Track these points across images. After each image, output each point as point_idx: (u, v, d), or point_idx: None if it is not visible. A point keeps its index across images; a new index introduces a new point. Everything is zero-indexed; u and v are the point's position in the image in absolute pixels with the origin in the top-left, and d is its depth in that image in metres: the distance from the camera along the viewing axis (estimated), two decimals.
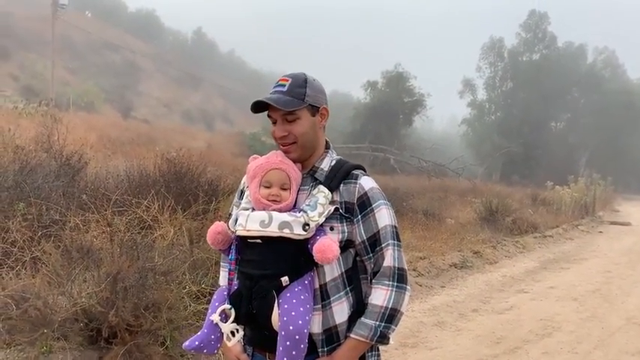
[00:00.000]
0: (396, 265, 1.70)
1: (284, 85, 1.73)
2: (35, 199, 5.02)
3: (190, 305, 4.07)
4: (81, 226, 4.60)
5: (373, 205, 1.72)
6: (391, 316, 1.68)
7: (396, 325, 1.70)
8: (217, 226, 1.80)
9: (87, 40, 49.32)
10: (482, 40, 51.78)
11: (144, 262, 3.84)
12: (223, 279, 1.89)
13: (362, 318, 1.68)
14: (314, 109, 1.76)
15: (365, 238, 1.71)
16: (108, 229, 4.38)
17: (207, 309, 4.16)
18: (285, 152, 1.75)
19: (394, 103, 36.13)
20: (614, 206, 25.67)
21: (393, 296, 1.67)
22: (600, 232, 16.34)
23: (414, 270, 7.61)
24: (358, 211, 1.71)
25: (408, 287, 1.72)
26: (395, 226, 1.74)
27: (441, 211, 13.18)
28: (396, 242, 1.72)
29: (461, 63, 69.45)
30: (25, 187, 5.33)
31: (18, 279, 3.76)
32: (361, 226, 1.71)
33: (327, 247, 1.61)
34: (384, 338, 1.68)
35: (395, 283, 1.69)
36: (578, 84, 50.30)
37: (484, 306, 6.68)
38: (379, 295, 1.68)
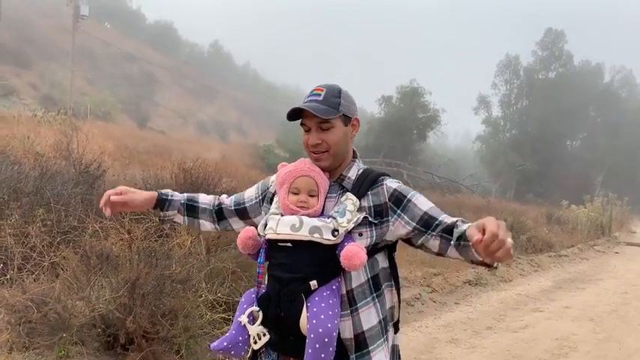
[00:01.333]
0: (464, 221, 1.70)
1: (319, 95, 1.77)
2: (55, 205, 5.08)
3: (207, 314, 4.08)
4: (100, 232, 4.65)
5: (408, 196, 1.76)
6: None
7: None
8: (248, 231, 1.82)
9: (105, 50, 50.03)
10: (498, 57, 51.80)
11: (161, 270, 3.87)
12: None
13: (461, 224, 1.65)
14: (347, 119, 1.80)
15: (415, 223, 1.73)
16: (126, 236, 4.42)
17: (223, 318, 4.18)
18: (317, 160, 1.79)
19: (408, 118, 36.10)
20: (630, 227, 25.30)
21: None
22: (616, 252, 16.10)
23: (427, 286, 7.55)
24: (395, 207, 1.75)
25: None
26: (435, 206, 1.78)
27: None
28: (446, 215, 1.75)
29: (476, 79, 69.55)
30: (45, 193, 5.40)
31: (37, 283, 3.81)
32: (404, 216, 1.74)
33: (355, 254, 1.63)
34: None
35: None
36: (595, 102, 49.96)
37: (499, 324, 6.61)
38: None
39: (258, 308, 1.72)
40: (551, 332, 6.34)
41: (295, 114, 1.77)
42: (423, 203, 1.76)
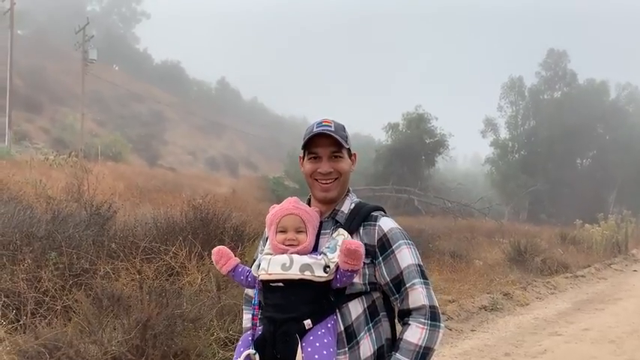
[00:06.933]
0: (429, 304, 1.71)
1: (330, 126, 1.80)
2: (66, 249, 5.13)
3: (219, 352, 4.06)
4: (111, 274, 4.67)
5: (393, 247, 1.74)
6: (425, 355, 1.67)
7: None
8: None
9: (115, 92, 51.02)
10: (502, 79, 52.06)
11: (172, 309, 3.87)
12: (247, 320, 1.94)
13: (397, 354, 1.68)
14: (349, 153, 1.86)
15: (389, 279, 1.72)
16: (137, 276, 4.44)
17: None
18: (325, 190, 1.80)
19: (416, 144, 36.20)
20: None
21: (427, 335, 1.68)
22: (635, 270, 15.80)
23: (443, 314, 7.41)
24: (379, 253, 1.74)
25: (442, 325, 1.73)
26: (419, 265, 1.75)
27: (469, 253, 12.97)
28: (423, 281, 1.73)
29: (481, 102, 69.90)
30: (57, 236, 5.45)
31: (50, 328, 3.82)
32: (383, 268, 1.73)
33: (356, 248, 1.63)
34: None
35: (430, 322, 1.69)
36: (602, 120, 49.85)
37: (517, 350, 6.49)
38: (415, 333, 1.68)
39: (254, 351, 1.70)
40: (571, 356, 6.21)
41: (306, 142, 1.81)
42: (405, 258, 1.74)
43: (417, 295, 1.70)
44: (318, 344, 1.62)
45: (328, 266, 1.66)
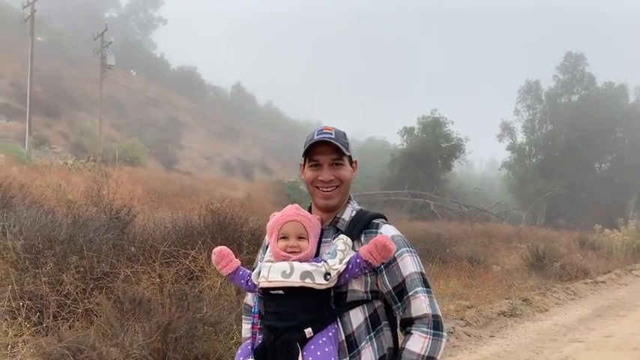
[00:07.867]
0: (432, 313, 1.70)
1: (331, 133, 1.79)
2: (87, 252, 5.18)
3: None
4: (131, 277, 4.71)
5: (395, 255, 1.71)
6: None
7: None
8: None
9: (132, 97, 51.57)
10: (519, 83, 51.54)
11: (193, 313, 3.89)
12: (246, 330, 1.92)
13: None
14: (350, 160, 1.84)
15: (391, 288, 1.71)
16: (157, 280, 4.47)
17: None
18: (326, 198, 1.79)
19: (432, 148, 36.02)
20: None
21: (430, 344, 1.67)
22: None
23: (461, 319, 7.39)
24: None
25: (445, 334, 1.72)
26: (421, 273, 1.74)
27: (486, 258, 12.86)
28: (425, 289, 1.72)
29: (498, 105, 69.48)
30: (78, 240, 5.52)
31: (73, 330, 3.86)
32: (385, 276, 1.71)
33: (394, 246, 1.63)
34: None
35: (432, 331, 1.68)
36: (621, 124, 49.18)
37: (537, 356, 6.41)
38: (417, 343, 1.67)
39: None
40: None
41: (307, 149, 1.80)
42: (407, 266, 1.72)
43: (420, 304, 1.69)
44: (319, 353, 1.59)
45: (329, 273, 1.64)
